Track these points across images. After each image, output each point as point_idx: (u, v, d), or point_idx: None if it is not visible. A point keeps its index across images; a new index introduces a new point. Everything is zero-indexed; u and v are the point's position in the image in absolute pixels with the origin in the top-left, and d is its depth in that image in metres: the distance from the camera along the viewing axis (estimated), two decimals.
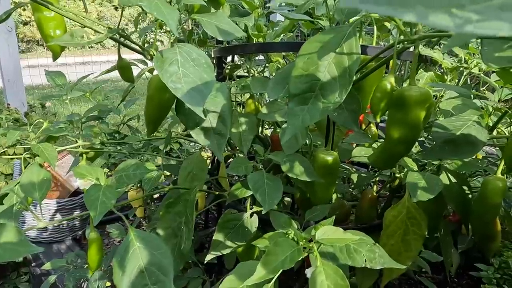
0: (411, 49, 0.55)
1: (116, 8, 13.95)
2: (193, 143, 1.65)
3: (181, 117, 0.59)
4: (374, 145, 0.73)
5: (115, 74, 0.85)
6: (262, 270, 0.41)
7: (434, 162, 0.65)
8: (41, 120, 0.90)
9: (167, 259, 0.46)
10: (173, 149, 1.57)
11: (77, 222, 1.43)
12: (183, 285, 0.97)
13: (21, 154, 0.88)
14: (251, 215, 0.67)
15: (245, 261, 0.54)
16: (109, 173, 1.47)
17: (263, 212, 0.51)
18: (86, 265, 1.07)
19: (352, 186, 0.83)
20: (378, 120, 0.48)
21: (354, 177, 0.78)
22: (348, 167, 0.86)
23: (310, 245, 0.45)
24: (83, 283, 1.05)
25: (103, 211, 0.48)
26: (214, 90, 0.60)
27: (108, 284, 1.02)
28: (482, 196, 0.62)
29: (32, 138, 0.87)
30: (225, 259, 0.97)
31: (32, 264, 1.36)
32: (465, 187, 0.67)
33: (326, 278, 0.41)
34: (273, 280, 0.48)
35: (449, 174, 0.65)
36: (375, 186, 0.78)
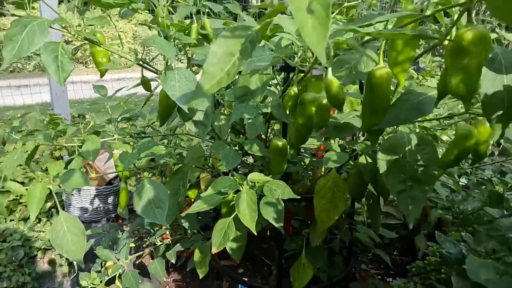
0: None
1: (150, 28, 14.78)
2: (197, 137, 1.98)
3: (180, 114, 0.91)
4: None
5: (141, 89, 1.18)
6: (211, 190, 0.72)
7: (353, 147, 0.93)
8: (89, 120, 1.24)
9: (165, 195, 0.77)
10: (183, 140, 1.91)
11: (111, 206, 1.77)
12: (189, 245, 1.27)
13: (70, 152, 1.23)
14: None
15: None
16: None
17: (226, 170, 0.81)
18: (118, 232, 1.40)
19: (305, 167, 1.12)
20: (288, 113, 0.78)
21: (307, 160, 1.07)
22: (306, 155, 1.15)
23: (243, 182, 0.76)
24: (113, 246, 1.37)
25: (127, 166, 0.80)
26: (203, 96, 0.92)
27: (132, 245, 1.34)
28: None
29: (79, 137, 1.22)
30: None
31: None
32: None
33: (247, 195, 0.71)
34: (231, 216, 0.78)
35: (366, 156, 0.93)
36: (323, 168, 1.06)
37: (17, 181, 2.45)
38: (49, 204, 2.35)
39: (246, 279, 1.24)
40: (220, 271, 1.36)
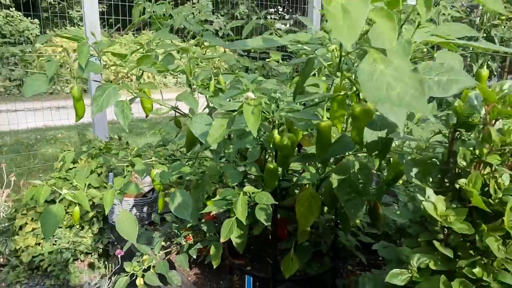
0: None
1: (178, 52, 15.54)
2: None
3: (201, 145, 1.28)
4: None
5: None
6: (218, 197, 1.08)
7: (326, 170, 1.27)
8: (133, 146, 1.64)
9: (190, 201, 1.14)
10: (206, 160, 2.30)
11: (145, 215, 2.16)
12: (207, 244, 1.63)
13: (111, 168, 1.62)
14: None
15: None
16: None
17: (232, 184, 1.17)
18: (152, 233, 1.77)
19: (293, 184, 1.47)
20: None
21: (295, 179, 1.41)
22: (296, 174, 1.50)
23: (240, 192, 1.12)
24: (148, 244, 1.74)
25: (164, 181, 1.17)
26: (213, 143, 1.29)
27: (163, 243, 1.71)
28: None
29: (127, 156, 1.61)
30: None
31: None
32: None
33: (241, 200, 1.07)
34: (234, 217, 1.14)
35: (335, 175, 1.27)
36: (309, 184, 1.41)
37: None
38: (91, 214, 2.77)
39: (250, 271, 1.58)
40: (232, 267, 1.70)
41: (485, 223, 0.66)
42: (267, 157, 1.37)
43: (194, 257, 1.63)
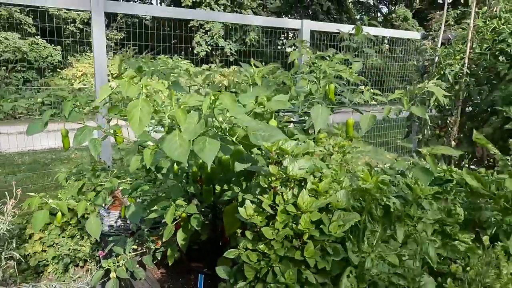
0: None
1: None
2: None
3: (149, 171, 1.73)
4: None
5: None
6: (156, 208, 1.51)
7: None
8: (115, 168, 2.09)
9: (140, 209, 1.57)
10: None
11: (129, 225, 2.59)
12: (167, 248, 2.04)
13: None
14: None
15: None
16: None
17: (174, 198, 1.61)
18: (128, 239, 2.20)
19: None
20: None
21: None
22: None
23: (172, 204, 1.56)
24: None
25: (126, 195, 1.61)
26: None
27: (135, 246, 2.13)
28: None
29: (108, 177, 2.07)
30: None
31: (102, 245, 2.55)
32: None
33: (171, 209, 1.50)
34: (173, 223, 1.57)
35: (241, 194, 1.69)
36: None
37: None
38: (73, 221, 3.24)
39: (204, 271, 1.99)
40: (190, 269, 2.12)
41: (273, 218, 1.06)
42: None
43: (159, 258, 2.04)
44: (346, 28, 6.53)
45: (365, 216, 1.03)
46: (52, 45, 13.72)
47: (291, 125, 2.12)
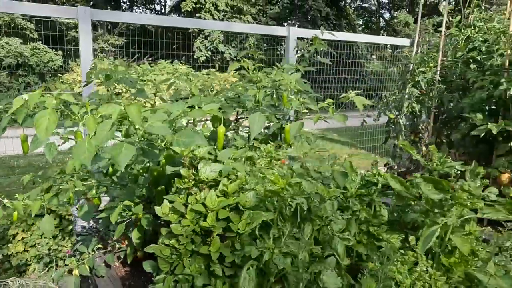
0: None
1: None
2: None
3: (107, 174, 1.82)
4: None
5: None
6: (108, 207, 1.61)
7: None
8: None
9: (92, 209, 1.67)
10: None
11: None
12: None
13: None
14: None
15: None
16: None
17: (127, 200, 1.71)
18: (94, 238, 2.30)
19: None
20: None
21: None
22: None
23: (120, 204, 1.65)
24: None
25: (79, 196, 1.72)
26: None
27: (100, 246, 2.23)
28: None
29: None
30: None
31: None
32: None
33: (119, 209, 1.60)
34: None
35: None
36: None
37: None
38: (70, 227, 3.35)
39: None
40: None
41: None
42: None
43: (122, 257, 2.14)
44: (340, 36, 6.63)
45: (277, 216, 1.12)
46: (53, 50, 13.96)
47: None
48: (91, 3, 18.79)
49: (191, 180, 1.11)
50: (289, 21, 17.91)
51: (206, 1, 16.70)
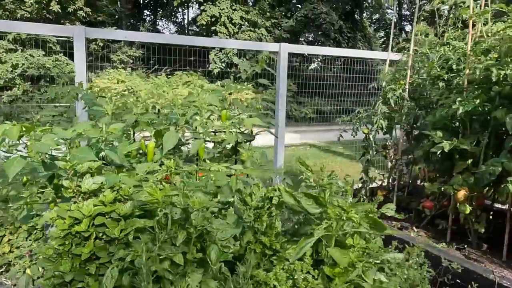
0: None
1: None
2: None
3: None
4: None
5: None
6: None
7: None
8: None
9: (30, 213, 1.87)
10: None
11: None
12: None
13: None
14: None
15: None
16: None
17: None
18: None
19: None
20: None
21: None
22: None
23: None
24: None
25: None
26: None
27: None
28: None
29: None
30: None
31: None
32: None
33: None
34: None
35: None
36: None
37: None
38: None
39: None
40: None
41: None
42: None
43: None
44: (324, 51, 6.73)
45: (155, 224, 1.26)
46: (73, 61, 14.59)
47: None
48: (116, 16, 19.52)
49: (75, 191, 1.28)
50: (303, 34, 18.11)
51: (221, 14, 17.12)
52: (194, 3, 20.93)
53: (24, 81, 13.90)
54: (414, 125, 3.66)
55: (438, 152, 2.93)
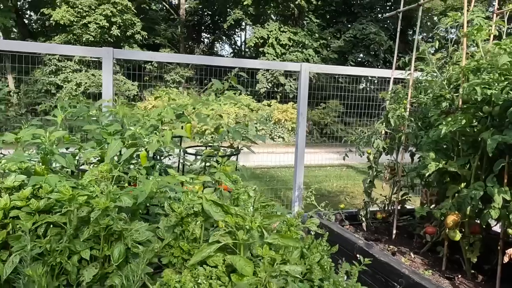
0: None
1: (252, 110, 17.24)
2: None
3: None
4: None
5: None
6: None
7: None
8: None
9: None
10: None
11: None
12: None
13: None
14: None
15: None
16: None
17: None
18: None
19: None
20: None
21: None
22: None
23: None
24: None
25: None
26: None
27: None
28: None
29: None
30: None
31: None
32: None
33: None
34: None
35: None
36: None
37: None
38: None
39: None
40: None
41: None
42: None
43: None
44: (347, 70, 6.74)
45: (67, 219, 1.41)
46: (130, 80, 15.77)
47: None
48: (180, 37, 20.70)
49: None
50: (351, 54, 17.95)
51: (270, 36, 17.56)
52: (244, 25, 21.72)
53: (86, 98, 15.23)
54: (417, 146, 3.53)
55: (427, 174, 2.81)
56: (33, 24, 19.53)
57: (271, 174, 8.75)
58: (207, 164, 2.75)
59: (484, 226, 2.59)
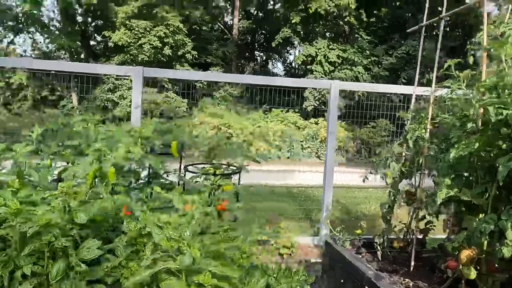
0: None
1: (298, 128, 17.08)
2: None
3: None
4: None
5: None
6: None
7: None
8: None
9: None
10: None
11: None
12: None
13: None
14: None
15: None
16: None
17: None
18: None
19: None
20: None
21: None
22: None
23: None
24: None
25: None
26: None
27: None
28: None
29: None
30: None
31: None
32: None
33: None
34: None
35: None
36: None
37: None
38: None
39: None
40: None
41: None
42: None
43: None
44: (374, 87, 6.45)
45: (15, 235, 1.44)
46: (180, 97, 16.36)
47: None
48: (232, 56, 21.23)
49: None
50: (405, 71, 17.20)
51: (318, 54, 17.42)
52: (296, 43, 21.78)
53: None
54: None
55: (438, 203, 2.55)
56: (97, 46, 21.17)
57: (307, 193, 8.53)
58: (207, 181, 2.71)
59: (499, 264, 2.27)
